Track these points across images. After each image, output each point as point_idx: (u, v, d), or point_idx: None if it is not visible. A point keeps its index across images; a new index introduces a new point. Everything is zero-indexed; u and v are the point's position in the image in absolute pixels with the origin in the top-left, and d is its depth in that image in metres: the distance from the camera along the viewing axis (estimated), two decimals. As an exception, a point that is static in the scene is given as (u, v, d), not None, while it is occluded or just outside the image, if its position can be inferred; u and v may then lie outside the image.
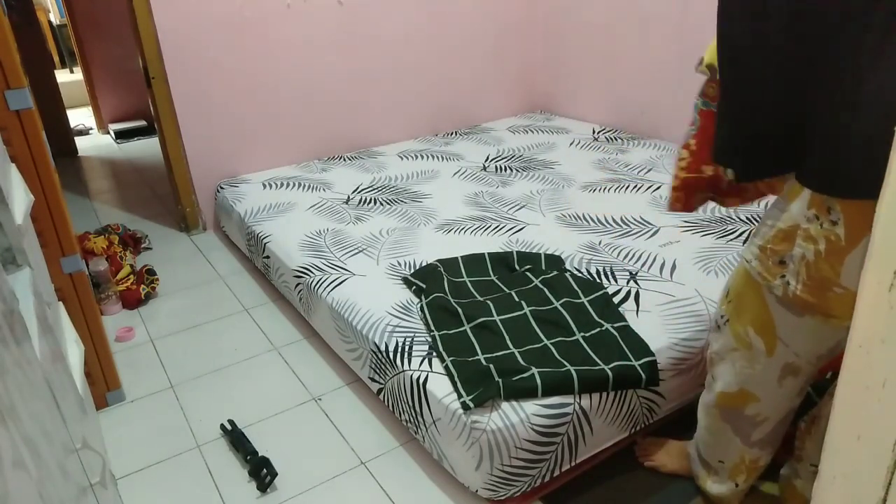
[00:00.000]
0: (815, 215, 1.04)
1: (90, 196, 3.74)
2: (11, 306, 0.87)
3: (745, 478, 1.38)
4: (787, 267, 1.11)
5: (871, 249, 0.73)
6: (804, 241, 1.06)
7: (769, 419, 1.30)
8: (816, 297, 1.07)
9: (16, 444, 0.68)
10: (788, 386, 1.25)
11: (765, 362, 1.23)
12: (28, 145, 1.55)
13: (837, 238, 1.01)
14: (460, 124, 3.67)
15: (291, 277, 2.19)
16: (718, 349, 1.32)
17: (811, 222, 1.04)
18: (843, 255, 1.01)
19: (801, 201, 1.06)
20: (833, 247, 1.02)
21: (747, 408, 1.29)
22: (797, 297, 1.10)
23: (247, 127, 3.03)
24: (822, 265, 1.04)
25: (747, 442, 1.33)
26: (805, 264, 1.07)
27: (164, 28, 2.71)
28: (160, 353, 2.17)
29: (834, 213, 1.01)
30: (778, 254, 1.12)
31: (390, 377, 1.67)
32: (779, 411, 1.30)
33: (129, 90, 4.90)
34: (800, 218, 1.07)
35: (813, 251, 1.05)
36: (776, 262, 1.13)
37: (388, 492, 1.57)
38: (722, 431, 1.36)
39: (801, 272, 1.08)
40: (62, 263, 1.69)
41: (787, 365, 1.22)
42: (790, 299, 1.12)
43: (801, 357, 1.20)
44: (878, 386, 0.71)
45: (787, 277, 1.11)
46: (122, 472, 1.68)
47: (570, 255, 2.05)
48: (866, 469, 0.73)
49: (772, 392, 1.26)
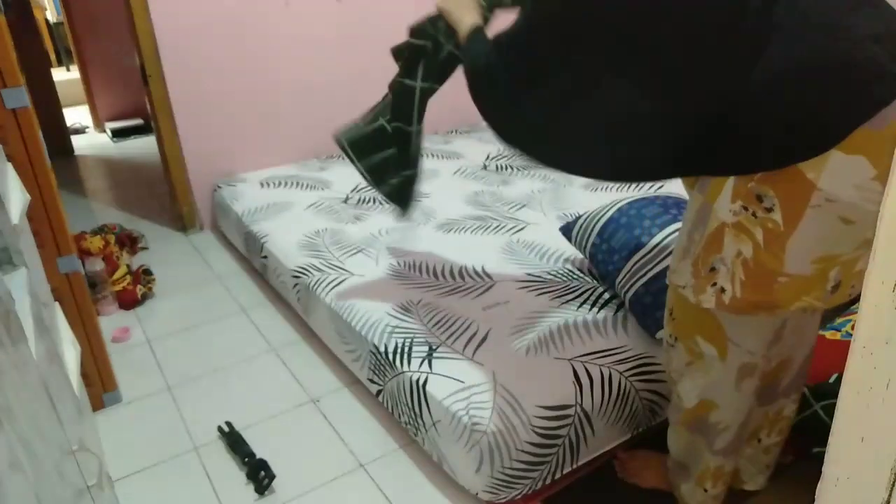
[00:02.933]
0: (743, 206, 0.99)
1: (87, 195, 3.72)
2: (7, 307, 0.87)
3: (711, 483, 1.37)
4: (718, 273, 1.05)
5: (875, 249, 0.72)
6: (736, 237, 1.01)
7: (730, 427, 1.28)
8: (761, 293, 1.02)
9: (12, 446, 0.67)
10: (746, 389, 1.23)
11: (720, 367, 1.20)
12: (24, 144, 1.54)
13: (776, 224, 0.97)
14: (460, 123, 3.65)
15: (289, 277, 2.18)
16: (676, 367, 1.30)
17: (739, 215, 1.00)
18: (784, 241, 0.97)
19: (723, 197, 1.01)
20: (772, 234, 0.98)
21: (710, 416, 1.27)
22: (737, 300, 1.05)
23: (244, 125, 3.02)
24: (763, 257, 1.00)
25: (711, 450, 1.32)
26: (742, 262, 1.02)
27: (160, 26, 2.69)
28: (157, 354, 2.16)
29: (767, 200, 0.97)
30: (708, 263, 1.07)
31: (389, 379, 1.66)
32: (738, 416, 1.28)
33: (125, 88, 4.88)
34: (725, 215, 1.02)
35: (751, 245, 1.00)
36: (707, 272, 1.07)
37: (388, 495, 1.56)
38: (689, 441, 1.35)
39: (737, 273, 1.03)
40: (58, 263, 1.68)
41: (742, 366, 1.19)
42: (727, 306, 1.07)
43: (755, 354, 1.18)
44: (881, 387, 0.70)
45: (718, 284, 1.06)
46: (119, 474, 1.67)
47: (570, 254, 2.05)
48: (869, 471, 0.73)
49: (730, 397, 1.24)
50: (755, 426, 1.39)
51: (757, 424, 1.39)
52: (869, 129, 0.89)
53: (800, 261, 0.99)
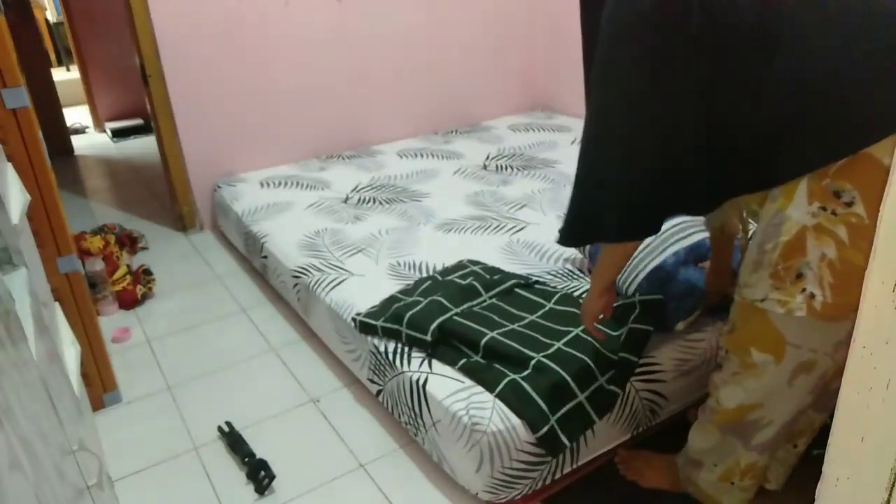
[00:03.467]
0: (821, 207, 0.98)
1: (87, 195, 3.72)
2: (7, 307, 0.87)
3: (739, 477, 1.33)
4: (806, 278, 1.04)
5: (876, 250, 0.72)
6: (817, 239, 1.00)
7: (774, 423, 1.25)
8: (849, 292, 0.99)
9: (12, 446, 0.67)
10: (800, 385, 1.18)
11: (773, 371, 1.17)
12: (24, 144, 1.54)
13: (859, 218, 0.95)
14: (460, 122, 3.66)
15: (289, 277, 2.18)
16: (722, 377, 1.26)
17: (818, 216, 0.99)
18: (870, 234, 0.96)
19: (797, 202, 1.01)
20: (856, 229, 0.96)
21: (749, 415, 1.24)
22: (828, 306, 1.02)
23: (244, 125, 3.02)
24: (849, 255, 0.98)
25: (747, 445, 1.29)
26: (828, 264, 1.00)
27: (160, 26, 2.69)
28: (157, 354, 2.16)
29: (846, 195, 0.96)
30: (793, 269, 1.05)
31: (389, 378, 1.66)
32: (786, 414, 1.24)
33: (125, 88, 4.88)
34: (804, 218, 1.01)
35: (834, 245, 0.98)
36: (793, 280, 1.05)
37: (388, 494, 1.56)
38: (720, 441, 1.32)
39: (824, 276, 1.01)
40: (58, 263, 1.68)
41: (800, 364, 1.15)
42: (819, 313, 1.04)
43: (818, 351, 1.14)
44: (881, 387, 0.70)
45: (808, 290, 1.04)
46: (119, 473, 1.67)
47: (570, 254, 2.05)
48: (870, 471, 0.73)
49: (778, 395, 1.20)
50: (798, 431, 1.35)
51: (801, 430, 1.35)
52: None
53: None
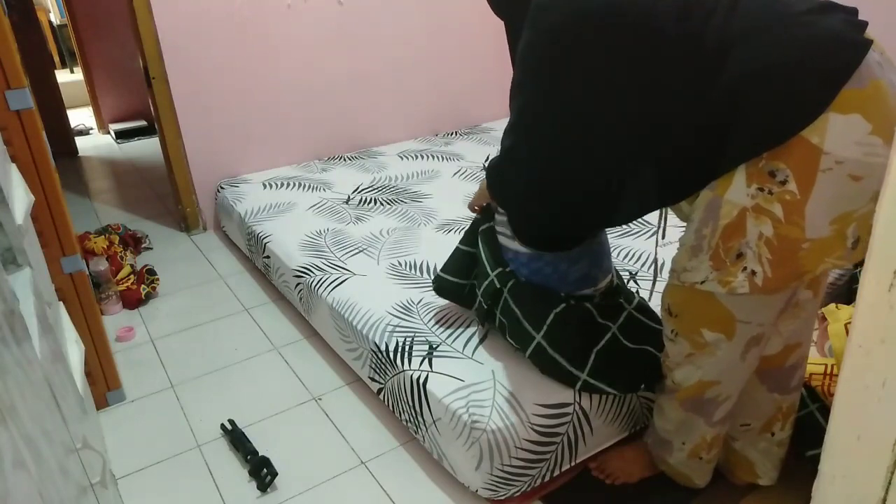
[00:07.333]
0: (759, 188, 1.04)
1: (90, 196, 3.74)
2: (12, 306, 0.87)
3: (706, 451, 1.39)
4: (746, 257, 1.10)
5: (871, 249, 0.73)
6: (756, 219, 1.06)
7: (731, 397, 1.32)
8: (787, 266, 1.07)
9: (16, 444, 0.68)
10: (751, 358, 1.26)
11: (726, 347, 1.22)
12: (28, 145, 1.55)
13: (793, 195, 1.02)
14: (460, 124, 3.67)
15: (291, 277, 2.19)
16: (674, 357, 1.31)
17: (757, 197, 1.05)
18: (802, 208, 1.03)
19: (736, 186, 1.06)
20: (790, 205, 1.03)
21: (707, 392, 1.30)
22: (769, 279, 1.09)
23: (247, 127, 3.03)
24: (785, 231, 1.05)
25: (710, 422, 1.34)
26: (765, 242, 1.06)
27: (164, 28, 2.71)
28: (160, 353, 2.18)
29: (780, 173, 1.02)
30: (733, 249, 1.10)
31: (390, 377, 1.67)
32: (739, 386, 1.31)
33: (129, 90, 4.90)
34: (743, 200, 1.06)
35: (770, 223, 1.05)
36: (734, 260, 1.11)
37: (388, 491, 1.57)
38: (684, 419, 1.36)
39: (762, 253, 1.07)
40: (62, 263, 1.69)
41: (751, 339, 1.22)
42: (761, 288, 1.10)
43: (765, 325, 1.21)
44: (877, 386, 0.71)
45: (748, 268, 1.10)
46: (123, 471, 1.68)
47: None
48: (866, 469, 0.73)
49: (733, 370, 1.27)
50: (769, 418, 1.39)
51: (771, 416, 1.39)
52: (855, 89, 0.98)
53: (819, 225, 1.04)
